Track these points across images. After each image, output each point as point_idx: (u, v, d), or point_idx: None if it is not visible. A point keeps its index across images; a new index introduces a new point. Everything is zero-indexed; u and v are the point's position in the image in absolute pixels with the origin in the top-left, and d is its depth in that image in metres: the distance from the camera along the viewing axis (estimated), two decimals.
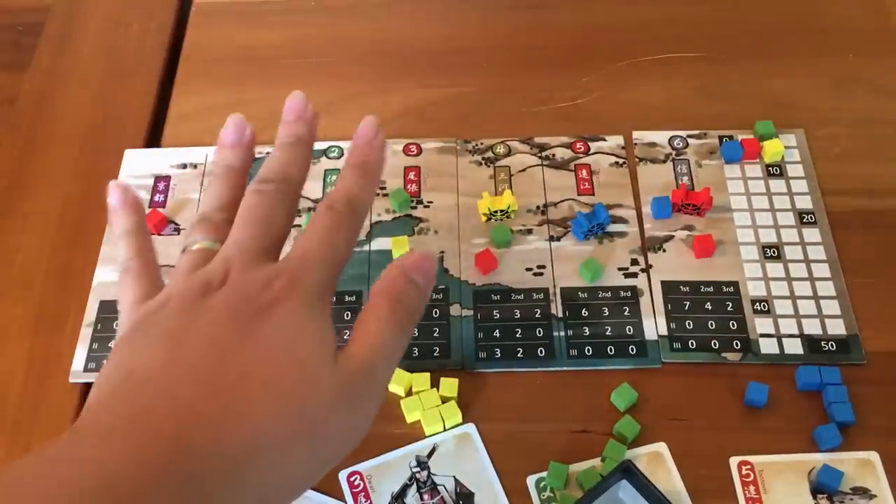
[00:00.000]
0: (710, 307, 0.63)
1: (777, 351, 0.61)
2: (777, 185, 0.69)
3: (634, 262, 0.66)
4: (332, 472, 0.57)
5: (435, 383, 0.60)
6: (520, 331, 0.63)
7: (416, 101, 0.76)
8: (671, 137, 0.72)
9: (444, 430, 0.59)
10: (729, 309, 0.63)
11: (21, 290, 0.67)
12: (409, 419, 0.59)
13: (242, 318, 0.35)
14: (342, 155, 0.72)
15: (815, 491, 0.56)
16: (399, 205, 0.69)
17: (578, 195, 0.69)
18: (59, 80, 0.80)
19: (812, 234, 0.66)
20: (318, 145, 0.73)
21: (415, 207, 0.69)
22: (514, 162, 0.71)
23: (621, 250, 0.66)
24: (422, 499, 0.56)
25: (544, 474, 0.56)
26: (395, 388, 0.60)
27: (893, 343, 0.61)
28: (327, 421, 0.34)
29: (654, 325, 0.62)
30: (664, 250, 0.66)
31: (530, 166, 0.71)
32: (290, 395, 0.34)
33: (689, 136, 0.72)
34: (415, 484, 0.57)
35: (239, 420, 0.32)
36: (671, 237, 0.67)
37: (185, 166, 0.72)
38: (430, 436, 0.58)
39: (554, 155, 0.72)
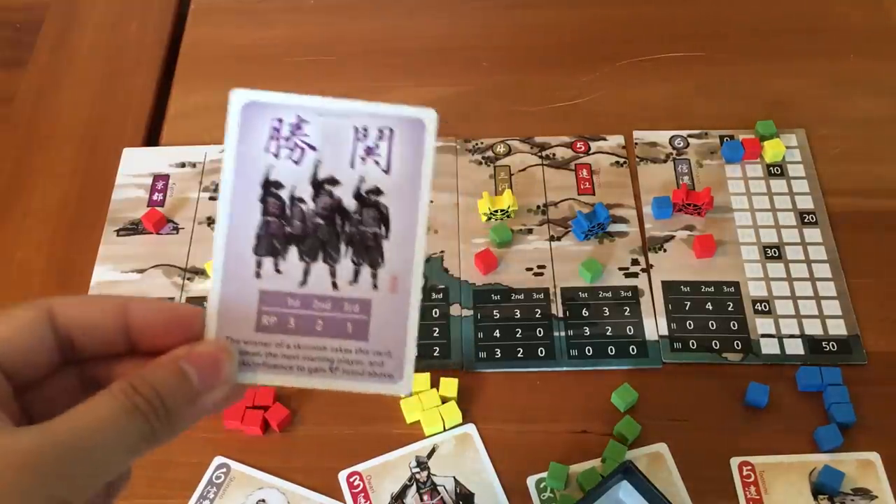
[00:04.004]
0: (710, 307, 0.63)
1: (778, 351, 0.61)
2: (778, 184, 0.69)
3: (635, 262, 0.65)
4: (331, 472, 0.57)
5: (435, 383, 0.59)
6: (520, 331, 0.62)
7: (415, 101, 0.74)
8: (672, 137, 0.72)
9: (444, 430, 0.58)
10: (730, 309, 0.63)
11: (20, 289, 0.66)
12: (409, 419, 0.59)
13: None
14: None
15: (816, 492, 0.55)
16: None
17: (579, 195, 0.69)
18: (58, 77, 0.80)
19: (813, 234, 0.66)
20: None
21: None
22: (515, 161, 0.71)
23: (621, 250, 0.66)
24: (421, 499, 0.56)
25: (544, 475, 0.56)
26: None
27: (894, 343, 0.61)
28: None
29: (655, 326, 0.62)
30: (665, 250, 0.66)
31: (530, 166, 0.71)
32: None
33: (690, 136, 0.72)
34: (414, 484, 0.57)
35: None
36: (672, 237, 0.67)
37: (183, 165, 0.72)
38: (430, 436, 0.58)
39: (554, 154, 0.71)
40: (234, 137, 0.34)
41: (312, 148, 0.35)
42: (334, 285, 0.35)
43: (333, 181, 0.35)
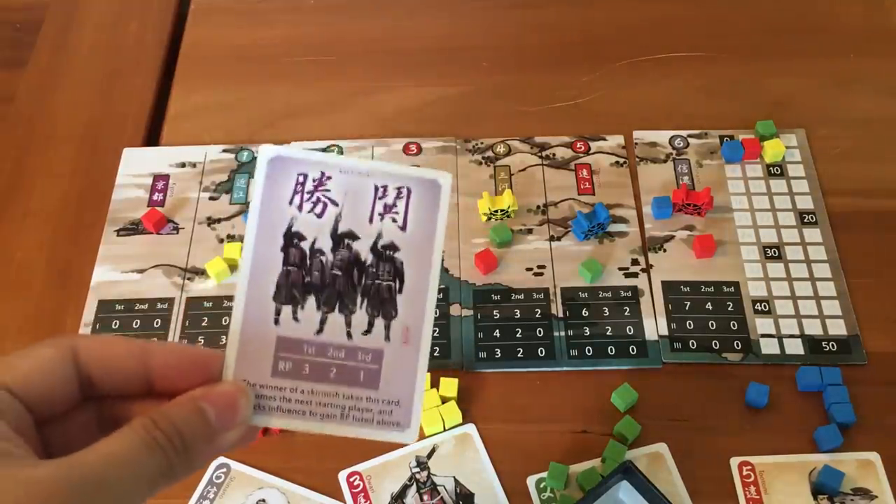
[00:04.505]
0: (710, 307, 0.63)
1: (778, 351, 0.61)
2: (778, 184, 0.69)
3: (635, 262, 0.65)
4: (331, 472, 0.57)
5: (435, 383, 0.59)
6: (520, 331, 0.62)
7: (415, 100, 0.76)
8: (672, 137, 0.72)
9: (444, 430, 0.58)
10: (729, 309, 0.63)
11: (20, 289, 0.66)
12: None
13: None
14: (342, 153, 0.72)
15: (816, 492, 0.55)
16: None
17: (579, 195, 0.69)
18: (58, 77, 0.79)
19: (813, 234, 0.66)
20: (318, 144, 0.73)
21: None
22: (515, 161, 0.71)
23: (621, 250, 0.66)
24: (421, 499, 0.56)
25: (544, 475, 0.56)
26: None
27: (894, 343, 0.61)
28: None
29: (655, 326, 0.62)
30: (665, 250, 0.66)
31: (530, 166, 0.71)
32: None
33: (690, 136, 0.72)
34: (414, 484, 0.57)
35: None
36: (672, 237, 0.67)
37: (183, 165, 0.72)
38: (430, 436, 0.58)
39: (554, 154, 0.72)
40: (261, 189, 0.36)
41: (334, 203, 0.37)
42: (349, 335, 0.37)
43: (353, 235, 0.37)
